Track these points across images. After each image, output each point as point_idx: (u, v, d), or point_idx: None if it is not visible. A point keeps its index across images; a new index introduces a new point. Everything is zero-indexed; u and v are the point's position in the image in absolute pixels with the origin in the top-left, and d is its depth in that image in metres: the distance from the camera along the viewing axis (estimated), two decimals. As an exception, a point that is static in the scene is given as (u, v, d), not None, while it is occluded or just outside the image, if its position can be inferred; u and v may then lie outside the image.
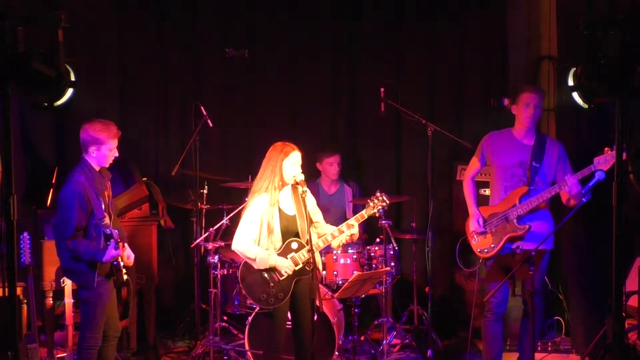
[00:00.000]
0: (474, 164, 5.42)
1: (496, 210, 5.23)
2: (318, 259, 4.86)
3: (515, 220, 5.14)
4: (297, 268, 4.70)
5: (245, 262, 4.78)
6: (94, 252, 4.63)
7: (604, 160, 4.83)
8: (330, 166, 6.71)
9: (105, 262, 4.65)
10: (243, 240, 4.74)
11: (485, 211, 5.31)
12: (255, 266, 4.71)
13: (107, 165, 4.85)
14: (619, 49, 3.36)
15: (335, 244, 4.86)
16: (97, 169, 4.80)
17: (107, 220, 4.65)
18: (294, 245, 4.73)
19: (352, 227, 4.78)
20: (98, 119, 4.82)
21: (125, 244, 4.82)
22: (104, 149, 4.74)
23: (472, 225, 5.29)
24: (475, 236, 5.30)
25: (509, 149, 5.24)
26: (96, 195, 4.68)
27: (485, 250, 5.26)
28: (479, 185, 5.61)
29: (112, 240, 4.57)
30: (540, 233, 5.11)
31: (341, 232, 4.77)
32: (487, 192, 5.56)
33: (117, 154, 4.83)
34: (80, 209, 4.61)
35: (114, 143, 4.77)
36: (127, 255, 4.81)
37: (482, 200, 5.49)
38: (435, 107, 7.16)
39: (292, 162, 4.71)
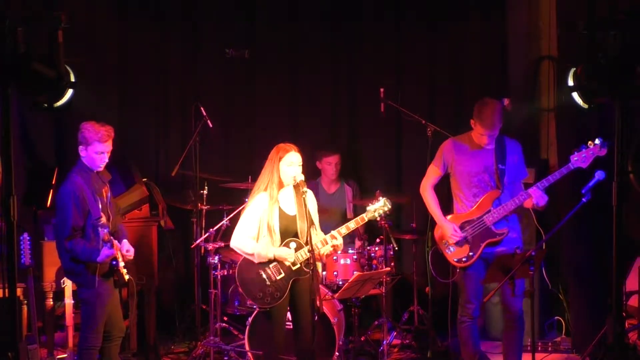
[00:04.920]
0: (434, 172, 5.26)
1: (469, 218, 5.10)
2: (317, 264, 4.85)
3: (492, 226, 5.05)
4: (295, 268, 4.70)
5: (243, 259, 4.78)
6: (90, 252, 4.62)
7: (582, 158, 4.80)
8: (328, 166, 6.71)
9: (101, 262, 4.64)
10: (241, 237, 4.74)
11: (457, 219, 5.14)
12: (256, 260, 4.70)
13: (99, 169, 4.77)
14: (619, 49, 3.37)
15: (321, 252, 4.81)
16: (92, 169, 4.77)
17: (103, 220, 4.64)
18: (293, 245, 4.72)
19: (334, 239, 4.75)
20: (97, 120, 4.76)
21: (124, 240, 4.82)
22: (89, 150, 4.68)
23: (451, 236, 5.10)
24: (449, 246, 5.16)
25: (472, 155, 5.12)
26: (93, 195, 4.67)
27: (463, 259, 5.11)
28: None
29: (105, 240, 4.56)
30: (514, 237, 5.09)
31: (324, 243, 4.75)
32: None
33: (106, 160, 4.74)
34: (76, 209, 4.60)
35: (101, 147, 4.68)
36: (127, 249, 4.80)
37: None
38: (435, 107, 7.16)
39: (287, 163, 4.70)
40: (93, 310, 4.72)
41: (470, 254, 5.09)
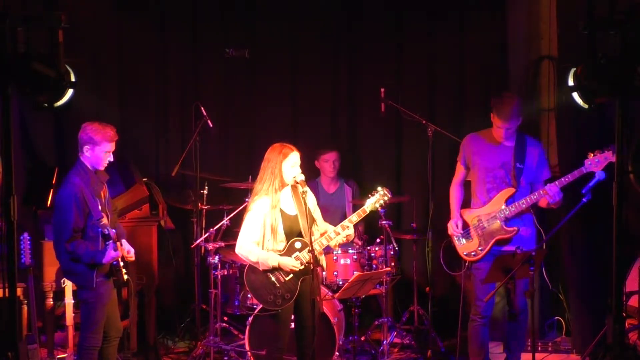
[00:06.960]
0: (459, 169, 5.39)
1: (482, 213, 5.18)
2: (322, 258, 4.87)
3: (503, 223, 5.11)
4: (302, 267, 4.70)
5: (249, 264, 4.78)
6: (93, 254, 4.62)
7: (596, 162, 4.84)
8: (326, 163, 6.71)
9: (105, 263, 4.64)
10: (246, 244, 4.73)
11: (470, 214, 5.25)
12: (260, 268, 4.71)
13: (101, 168, 4.80)
14: (619, 49, 3.37)
15: (332, 243, 4.88)
16: (93, 169, 4.78)
17: (104, 220, 4.64)
18: (298, 245, 4.73)
19: (346, 229, 4.79)
20: (99, 120, 4.80)
21: (124, 241, 4.82)
22: (97, 150, 4.71)
23: (450, 228, 5.26)
24: (460, 239, 5.25)
25: (490, 150, 5.20)
26: (92, 196, 4.67)
27: (472, 254, 5.20)
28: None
29: (110, 241, 4.56)
30: (526, 236, 5.13)
31: (337, 233, 4.79)
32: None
33: (111, 159, 4.78)
34: (77, 211, 4.61)
35: (109, 146, 4.72)
36: (127, 250, 4.80)
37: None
38: (435, 107, 7.16)
39: (291, 163, 4.71)
40: (93, 311, 4.72)
41: (480, 249, 5.17)
